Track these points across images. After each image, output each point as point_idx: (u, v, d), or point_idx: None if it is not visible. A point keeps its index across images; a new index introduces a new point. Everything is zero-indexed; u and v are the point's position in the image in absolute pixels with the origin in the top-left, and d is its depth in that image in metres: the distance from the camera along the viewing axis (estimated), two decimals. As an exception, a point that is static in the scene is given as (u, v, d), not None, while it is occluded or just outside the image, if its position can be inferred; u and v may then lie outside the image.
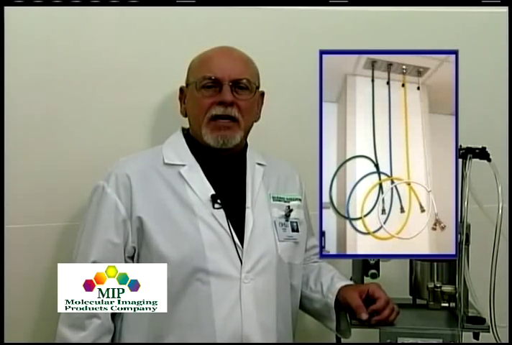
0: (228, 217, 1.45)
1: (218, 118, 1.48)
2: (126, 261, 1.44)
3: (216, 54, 1.53)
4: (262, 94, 1.58)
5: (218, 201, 1.46)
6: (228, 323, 1.41)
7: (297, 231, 1.55)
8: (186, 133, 1.57)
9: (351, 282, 1.57)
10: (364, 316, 1.45)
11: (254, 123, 1.58)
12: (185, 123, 1.58)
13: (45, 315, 1.67)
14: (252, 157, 1.58)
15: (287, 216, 1.54)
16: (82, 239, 1.46)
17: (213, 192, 1.47)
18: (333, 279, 1.57)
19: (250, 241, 1.46)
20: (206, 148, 1.50)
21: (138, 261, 1.45)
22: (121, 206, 1.44)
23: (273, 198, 1.56)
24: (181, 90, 1.57)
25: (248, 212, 1.49)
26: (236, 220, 1.47)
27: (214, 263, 1.42)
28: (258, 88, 1.55)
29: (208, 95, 1.48)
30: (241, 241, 1.46)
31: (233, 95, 1.47)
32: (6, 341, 1.57)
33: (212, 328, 1.40)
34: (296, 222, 1.55)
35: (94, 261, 1.41)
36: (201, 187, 1.48)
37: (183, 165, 1.50)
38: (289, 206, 1.56)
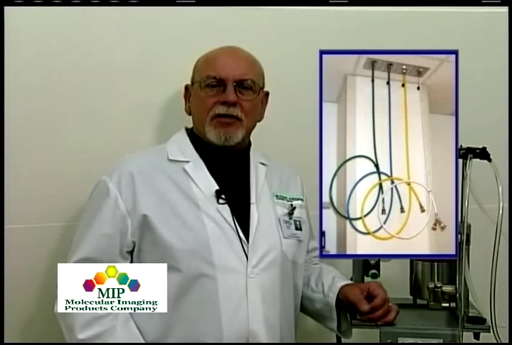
0: (233, 212, 1.46)
1: (221, 116, 1.48)
2: (122, 256, 1.45)
3: (222, 53, 1.53)
4: (267, 94, 1.59)
5: (223, 197, 1.47)
6: (234, 318, 1.41)
7: (300, 229, 1.56)
8: (190, 132, 1.58)
9: (352, 283, 1.57)
10: (366, 308, 1.45)
11: (258, 123, 1.58)
12: (189, 122, 1.58)
13: (45, 315, 1.67)
14: (255, 156, 1.59)
15: (290, 214, 1.55)
16: (80, 231, 1.48)
17: (217, 187, 1.48)
18: (334, 279, 1.57)
19: (255, 237, 1.47)
20: (209, 145, 1.51)
21: (140, 256, 1.45)
22: (121, 202, 1.44)
23: (276, 196, 1.57)
24: (186, 88, 1.58)
25: (253, 208, 1.50)
26: (241, 216, 1.48)
27: (220, 256, 1.43)
28: (262, 88, 1.56)
29: (212, 95, 1.49)
30: (246, 236, 1.46)
31: (236, 95, 1.48)
32: (6, 341, 1.57)
33: (218, 322, 1.41)
34: (299, 221, 1.56)
35: (88, 254, 1.42)
36: (205, 182, 1.49)
37: (187, 162, 1.51)
38: (292, 204, 1.57)
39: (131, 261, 1.47)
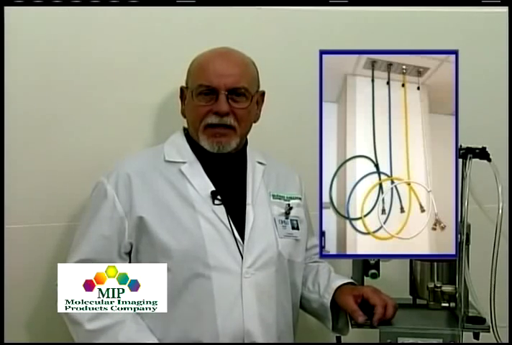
0: (228, 213, 1.47)
1: (214, 126, 1.48)
2: (121, 257, 1.46)
3: (213, 59, 1.51)
4: (263, 94, 1.58)
5: (218, 197, 1.48)
6: (229, 318, 1.42)
7: (297, 228, 1.56)
8: (187, 133, 1.58)
9: (348, 280, 1.57)
10: (361, 320, 1.46)
11: (255, 123, 1.58)
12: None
13: (45, 315, 1.67)
14: (252, 156, 1.60)
15: (287, 214, 1.56)
16: (79, 233, 1.49)
17: (213, 188, 1.49)
18: (330, 279, 1.58)
19: (251, 237, 1.47)
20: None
21: (137, 257, 1.46)
22: (119, 203, 1.45)
23: (273, 196, 1.57)
24: (181, 90, 1.58)
25: (249, 208, 1.51)
26: (237, 216, 1.49)
27: (215, 257, 1.43)
28: (257, 91, 1.55)
29: (204, 104, 1.49)
30: (242, 236, 1.47)
31: (229, 103, 1.48)
32: (6, 341, 1.57)
33: (214, 322, 1.41)
34: (296, 220, 1.57)
35: (87, 255, 1.43)
36: (201, 183, 1.49)
37: (184, 162, 1.52)
38: (289, 204, 1.57)
39: (130, 262, 1.47)
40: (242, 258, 1.45)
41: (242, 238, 1.47)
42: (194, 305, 1.42)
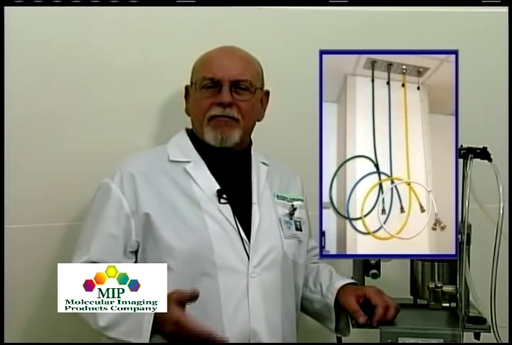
0: (234, 212, 1.47)
1: (218, 117, 1.49)
2: (126, 256, 1.46)
3: (218, 54, 1.53)
4: (267, 93, 1.59)
5: (224, 196, 1.48)
6: (236, 317, 1.42)
7: (300, 230, 1.56)
8: (190, 133, 1.58)
9: (350, 280, 1.57)
10: (362, 320, 1.46)
11: (259, 122, 1.58)
12: (190, 123, 1.58)
13: (45, 315, 1.67)
14: (256, 156, 1.60)
15: (291, 215, 1.56)
16: (84, 232, 1.48)
17: (218, 187, 1.49)
18: (331, 279, 1.58)
19: (257, 237, 1.47)
20: (209, 146, 1.51)
21: (144, 256, 1.46)
22: (125, 202, 1.45)
23: (277, 196, 1.57)
24: (186, 89, 1.58)
25: (254, 208, 1.51)
26: (242, 215, 1.49)
27: (221, 256, 1.43)
28: (262, 88, 1.56)
29: (208, 96, 1.49)
30: (248, 236, 1.47)
31: (232, 95, 1.48)
32: (6, 340, 1.57)
33: (220, 322, 1.41)
34: (300, 221, 1.57)
35: (96, 257, 1.42)
36: (207, 182, 1.49)
37: (188, 162, 1.52)
38: (293, 205, 1.57)
39: (136, 262, 1.47)
40: (248, 258, 1.45)
41: (248, 237, 1.47)
42: (200, 304, 1.40)
